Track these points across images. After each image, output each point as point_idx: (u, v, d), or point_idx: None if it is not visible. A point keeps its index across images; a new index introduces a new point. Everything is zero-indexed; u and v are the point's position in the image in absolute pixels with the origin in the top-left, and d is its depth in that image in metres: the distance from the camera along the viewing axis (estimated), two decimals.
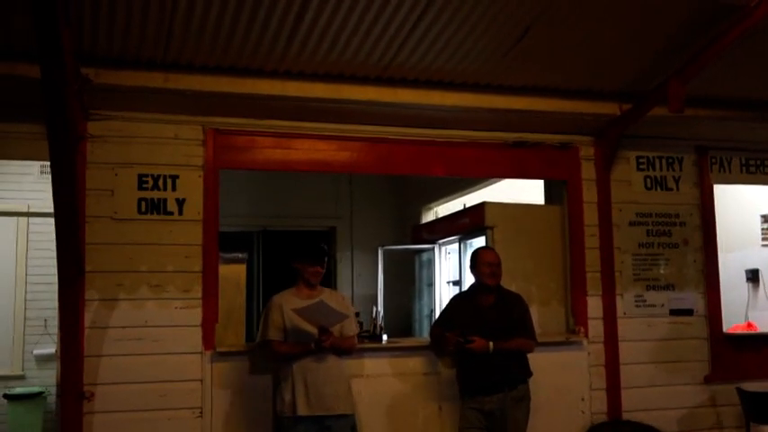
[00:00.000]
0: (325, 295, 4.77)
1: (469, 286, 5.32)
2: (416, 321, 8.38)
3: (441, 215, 8.60)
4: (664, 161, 6.21)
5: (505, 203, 6.48)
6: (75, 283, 4.80)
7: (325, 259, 4.82)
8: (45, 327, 7.97)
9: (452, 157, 5.81)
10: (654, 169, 6.18)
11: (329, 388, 4.57)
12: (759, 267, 7.50)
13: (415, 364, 5.45)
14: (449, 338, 4.97)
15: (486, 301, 5.04)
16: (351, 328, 4.80)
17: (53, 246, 4.63)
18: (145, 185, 5.10)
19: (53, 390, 6.10)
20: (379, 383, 5.35)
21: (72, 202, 4.59)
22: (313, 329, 4.55)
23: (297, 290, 4.79)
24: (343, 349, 4.71)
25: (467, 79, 5.26)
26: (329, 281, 9.02)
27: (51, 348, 7.57)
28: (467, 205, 7.49)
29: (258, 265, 8.87)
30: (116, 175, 5.05)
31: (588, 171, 6.02)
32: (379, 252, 8.32)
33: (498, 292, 5.07)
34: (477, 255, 5.18)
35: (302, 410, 4.50)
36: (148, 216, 5.09)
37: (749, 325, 7.08)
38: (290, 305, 4.64)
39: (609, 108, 5.66)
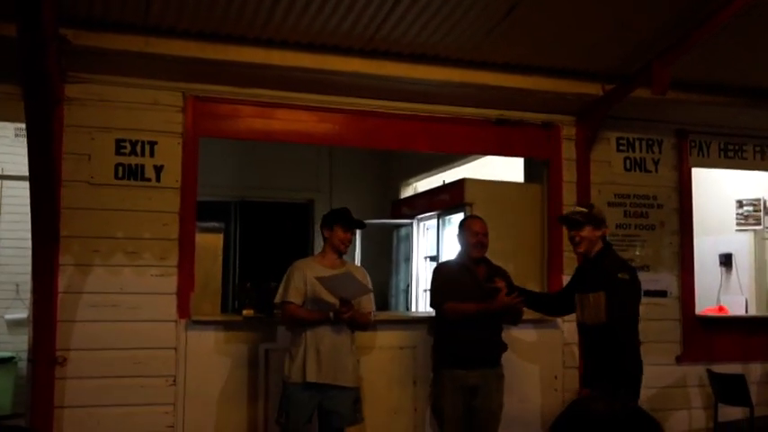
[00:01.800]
0: (349, 267, 4.78)
1: (457, 255, 5.17)
2: (393, 296, 8.41)
3: (420, 191, 8.60)
4: (644, 143, 6.24)
5: (485, 180, 6.49)
6: (50, 247, 4.75)
7: (357, 228, 4.82)
8: (17, 292, 7.88)
9: (435, 132, 5.79)
10: (634, 151, 6.21)
11: (339, 359, 4.59)
12: (732, 252, 7.63)
13: (390, 337, 5.47)
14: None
15: (480, 274, 4.89)
16: (368, 304, 4.80)
17: (27, 209, 4.57)
18: (123, 151, 5.03)
19: (24, 355, 6.04)
20: None
21: (48, 166, 4.54)
22: (333, 299, 4.54)
23: (322, 257, 4.78)
24: (360, 324, 4.71)
25: (451, 54, 5.22)
26: (306, 255, 8.99)
27: (23, 313, 7.49)
28: (446, 182, 7.49)
29: (235, 236, 8.82)
30: (93, 139, 4.98)
31: (569, 151, 6.04)
32: None
33: (487, 264, 4.96)
34: (464, 223, 5.03)
35: (311, 377, 4.51)
36: (125, 182, 5.03)
37: (720, 308, 7.21)
38: (313, 272, 4.62)
39: (592, 88, 5.65)
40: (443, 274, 4.99)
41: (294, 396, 4.56)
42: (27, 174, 4.45)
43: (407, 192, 8.99)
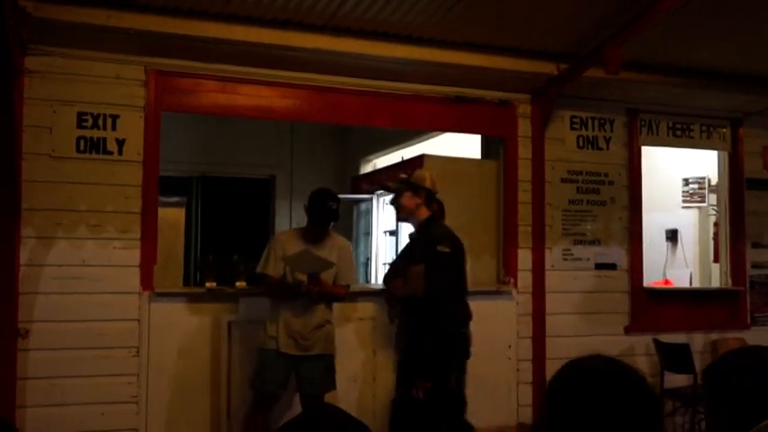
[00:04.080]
0: (330, 241, 4.88)
1: None
2: None
3: (379, 167, 8.71)
4: (596, 122, 6.43)
5: (444, 157, 6.61)
6: (11, 220, 4.75)
7: (329, 222, 4.88)
8: None
9: (396, 108, 5.89)
10: (586, 129, 6.40)
11: (312, 331, 4.74)
12: (678, 228, 7.91)
13: (350, 309, 5.59)
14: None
15: None
16: (346, 276, 4.92)
17: None
18: (84, 124, 5.03)
19: None
20: None
21: (8, 138, 4.53)
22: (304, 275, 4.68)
23: (305, 230, 4.90)
24: (333, 297, 4.86)
25: (411, 32, 5.32)
26: (266, 230, 9.06)
27: None
28: (404, 158, 7.61)
29: (197, 211, 8.85)
30: (54, 112, 4.97)
31: (524, 128, 6.19)
32: None
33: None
34: None
35: (284, 348, 4.69)
36: (87, 155, 5.03)
37: (666, 281, 7.49)
38: (290, 247, 4.75)
39: (547, 67, 5.80)
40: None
41: (268, 362, 4.74)
42: None
43: (367, 168, 9.09)
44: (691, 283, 7.53)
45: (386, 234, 7.73)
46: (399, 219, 4.50)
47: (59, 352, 4.89)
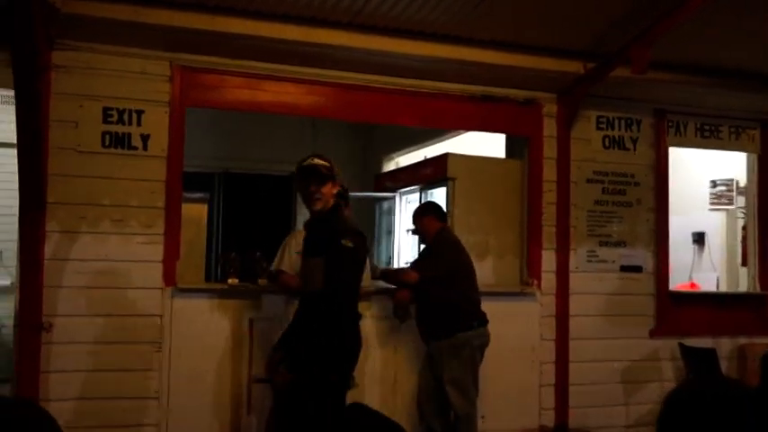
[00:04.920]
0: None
1: None
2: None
3: (402, 165, 8.68)
4: (623, 122, 6.34)
5: (468, 156, 6.58)
6: (37, 214, 4.79)
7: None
8: (0, 259, 7.87)
9: (420, 107, 5.86)
10: (613, 129, 6.31)
11: None
12: (705, 231, 7.79)
13: (371, 307, 5.57)
14: None
15: None
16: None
17: (12, 177, 4.61)
18: (110, 119, 5.05)
19: (7, 322, 6.07)
20: None
21: (36, 133, 4.56)
22: None
23: None
24: None
25: (437, 30, 5.29)
26: (288, 227, 9.06)
27: (6, 281, 7.50)
28: (427, 157, 7.58)
29: (219, 206, 8.88)
30: (81, 107, 4.99)
31: (550, 128, 6.13)
32: None
33: None
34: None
35: None
36: (112, 150, 5.05)
37: (692, 285, 7.39)
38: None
39: (573, 66, 5.75)
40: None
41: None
42: (14, 141, 4.48)
43: (389, 166, 9.06)
44: (717, 287, 7.42)
45: (408, 233, 7.68)
46: (315, 210, 4.12)
47: (82, 346, 4.92)
